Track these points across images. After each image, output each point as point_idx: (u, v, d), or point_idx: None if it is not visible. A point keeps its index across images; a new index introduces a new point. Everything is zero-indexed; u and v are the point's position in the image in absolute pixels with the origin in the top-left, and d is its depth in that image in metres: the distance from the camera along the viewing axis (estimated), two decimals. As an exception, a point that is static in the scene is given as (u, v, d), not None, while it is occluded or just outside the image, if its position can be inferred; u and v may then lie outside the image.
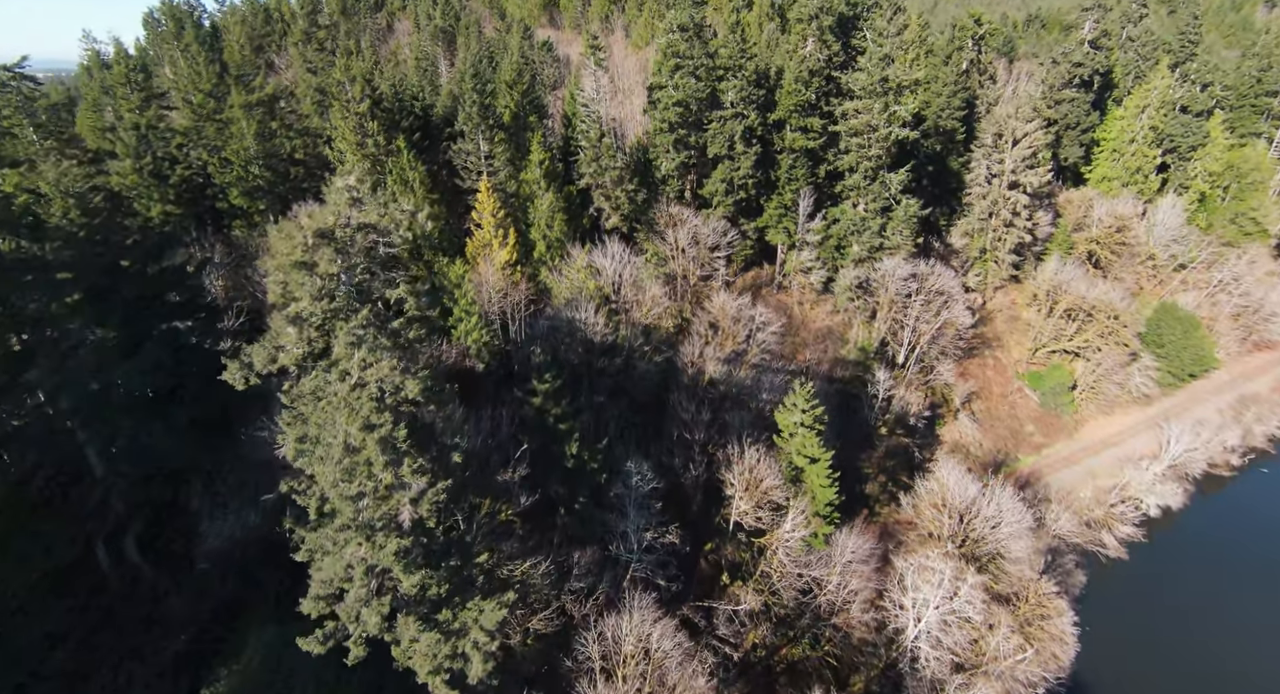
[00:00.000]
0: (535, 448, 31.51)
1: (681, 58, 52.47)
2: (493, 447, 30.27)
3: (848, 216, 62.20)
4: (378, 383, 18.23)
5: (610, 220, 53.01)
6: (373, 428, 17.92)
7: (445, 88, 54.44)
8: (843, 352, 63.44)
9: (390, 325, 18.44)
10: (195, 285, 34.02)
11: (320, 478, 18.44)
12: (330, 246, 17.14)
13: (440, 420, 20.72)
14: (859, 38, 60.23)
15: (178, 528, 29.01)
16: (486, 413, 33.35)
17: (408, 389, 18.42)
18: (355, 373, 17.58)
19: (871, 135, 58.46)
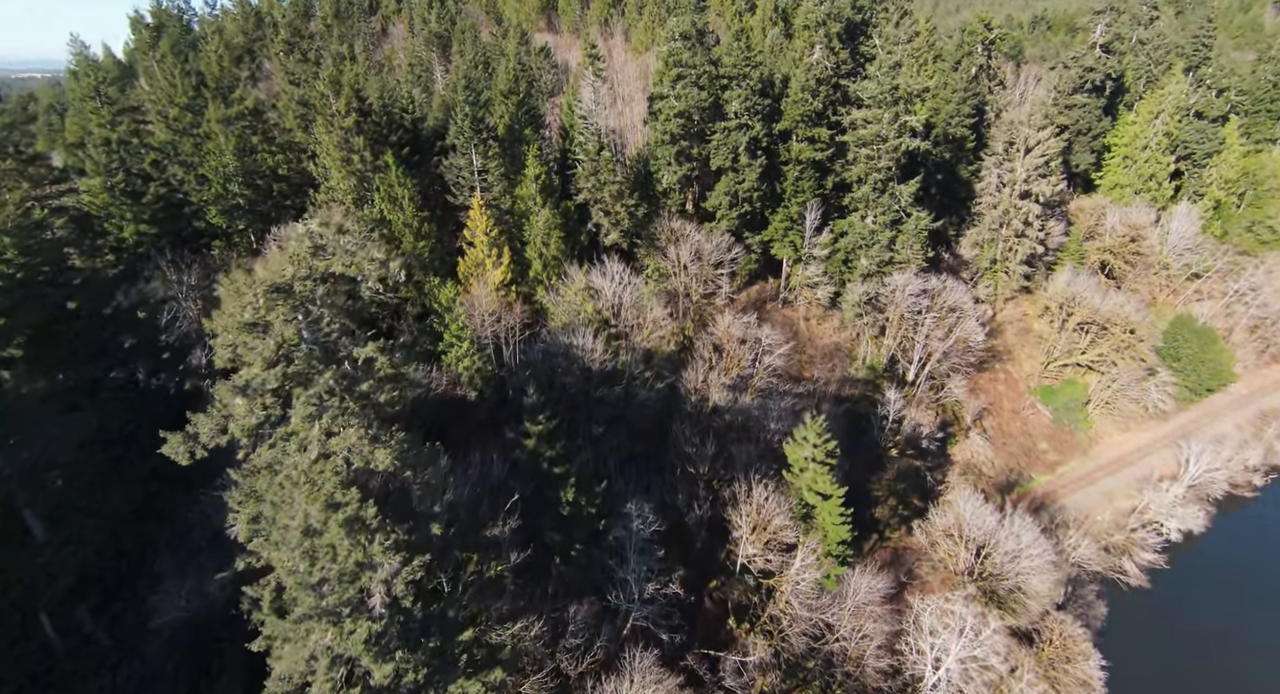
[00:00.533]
0: (528, 493, 29.30)
1: (684, 67, 50.19)
2: (481, 494, 28.04)
3: (856, 229, 59.91)
4: (344, 454, 15.98)
5: (609, 236, 50.76)
6: (337, 506, 15.69)
7: (437, 99, 52.13)
8: (851, 369, 61.18)
9: (359, 388, 16.20)
10: (155, 324, 31.63)
11: (277, 564, 16.25)
12: (287, 303, 14.91)
13: (419, 486, 18.47)
14: (868, 45, 57.96)
15: (130, 598, 26.39)
16: (475, 457, 31.12)
17: (378, 460, 16.18)
18: (316, 446, 15.35)
19: (881, 146, 56.17)
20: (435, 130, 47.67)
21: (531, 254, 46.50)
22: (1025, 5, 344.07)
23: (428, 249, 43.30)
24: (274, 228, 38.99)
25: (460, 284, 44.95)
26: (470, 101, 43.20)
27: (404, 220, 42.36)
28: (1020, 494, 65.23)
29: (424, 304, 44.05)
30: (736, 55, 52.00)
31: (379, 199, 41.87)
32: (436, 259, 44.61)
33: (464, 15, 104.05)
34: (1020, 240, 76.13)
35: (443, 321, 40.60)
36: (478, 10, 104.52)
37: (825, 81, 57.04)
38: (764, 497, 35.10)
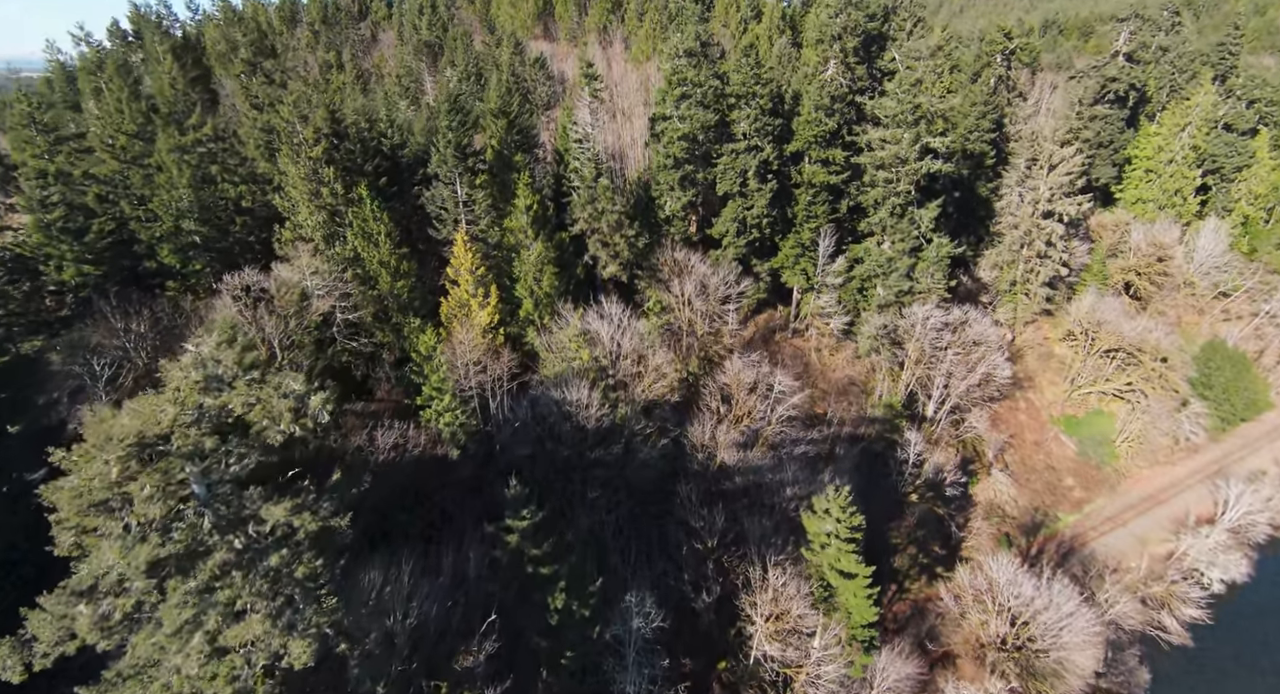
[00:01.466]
0: (510, 595, 25.25)
1: (688, 86, 46.05)
2: (454, 605, 23.89)
3: (872, 256, 55.76)
4: (244, 651, 11.88)
5: (607, 269, 46.63)
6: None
7: (420, 121, 47.81)
8: (867, 405, 57.04)
9: (267, 562, 12.11)
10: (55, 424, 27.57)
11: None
12: (158, 470, 10.83)
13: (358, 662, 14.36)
14: (885, 59, 53.81)
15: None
16: (448, 558, 26.99)
17: (294, 654, 12.07)
18: (204, 647, 11.27)
19: (900, 169, 52.04)
20: (417, 156, 43.51)
21: (522, 292, 42.37)
22: (1031, 6, 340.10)
23: (406, 289, 39.16)
24: (232, 272, 34.83)
25: (443, 326, 40.83)
26: (454, 127, 39.04)
27: (380, 258, 38.23)
28: (1046, 536, 61.09)
29: (403, 348, 39.93)
30: (745, 72, 47.85)
31: (352, 235, 37.74)
32: (417, 298, 40.49)
33: (457, 22, 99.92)
34: (1043, 262, 72.11)
35: (421, 372, 36.44)
36: (471, 17, 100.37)
37: (840, 99, 52.90)
38: (780, 582, 30.99)
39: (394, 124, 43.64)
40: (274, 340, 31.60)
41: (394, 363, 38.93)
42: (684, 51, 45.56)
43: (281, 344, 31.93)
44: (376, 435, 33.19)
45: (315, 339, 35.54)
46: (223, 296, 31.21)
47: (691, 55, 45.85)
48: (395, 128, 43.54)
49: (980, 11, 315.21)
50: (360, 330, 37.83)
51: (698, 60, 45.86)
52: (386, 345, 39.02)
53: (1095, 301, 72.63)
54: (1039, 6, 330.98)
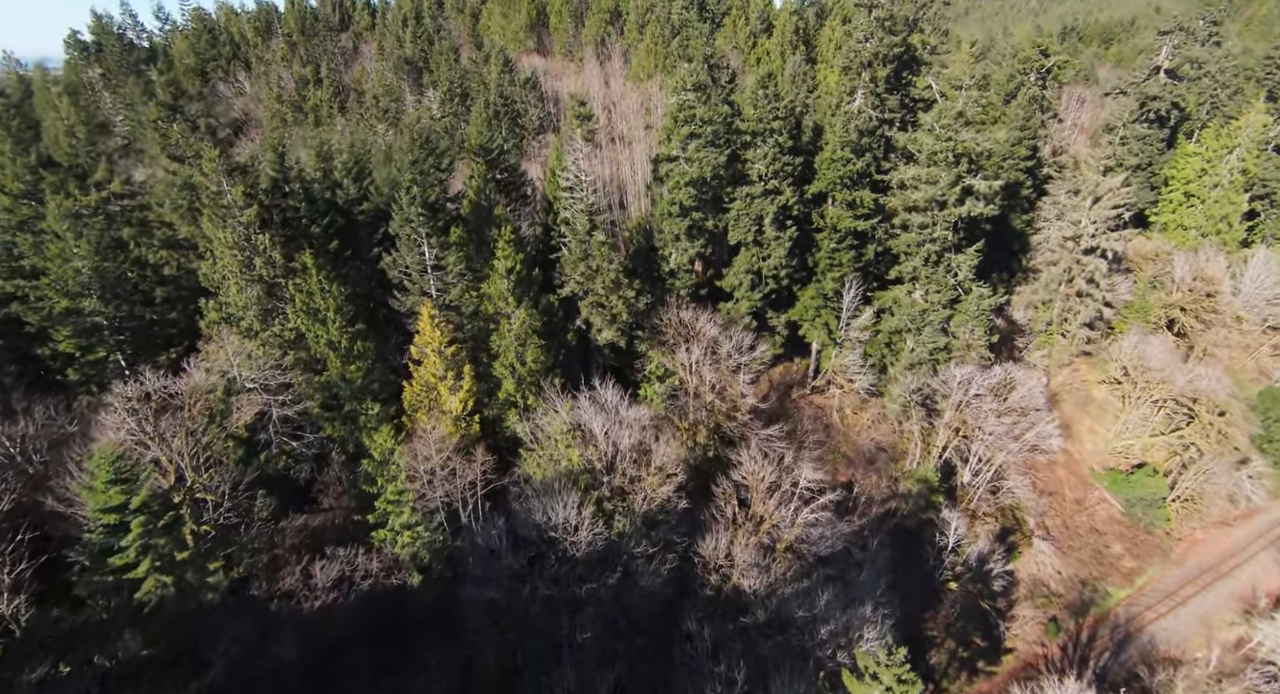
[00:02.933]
0: None
1: (697, 125, 39.62)
2: None
3: (902, 308, 49.35)
4: None
5: (602, 335, 40.22)
6: None
7: (381, 171, 40.94)
8: (898, 475, 50.63)
9: None
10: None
11: None
12: None
13: None
14: (921, 87, 47.34)
15: None
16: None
17: None
18: None
19: (938, 213, 45.62)
20: (379, 210, 37.02)
21: (501, 370, 35.95)
22: (1040, 9, 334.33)
23: (361, 373, 32.73)
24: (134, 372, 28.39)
25: (406, 415, 34.44)
26: (420, 180, 32.60)
27: (328, 338, 31.81)
28: (1097, 617, 54.60)
29: (358, 442, 33.53)
30: (762, 106, 41.37)
31: (294, 313, 31.32)
32: (375, 380, 34.06)
33: (444, 34, 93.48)
34: (1083, 301, 65.69)
35: (375, 482, 30.04)
36: (459, 28, 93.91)
37: (868, 132, 46.45)
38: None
39: (352, 171, 37.09)
40: (182, 461, 25.29)
41: (346, 461, 32.51)
42: (692, 85, 39.09)
43: (193, 464, 25.63)
44: (314, 571, 26.82)
45: (245, 442, 29.16)
46: (114, 409, 24.81)
47: (701, 89, 39.42)
48: (351, 176, 36.98)
49: (985, 13, 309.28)
50: (304, 425, 31.48)
51: (707, 95, 39.42)
52: (337, 440, 32.60)
53: (1139, 343, 66.17)
54: (1048, 9, 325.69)
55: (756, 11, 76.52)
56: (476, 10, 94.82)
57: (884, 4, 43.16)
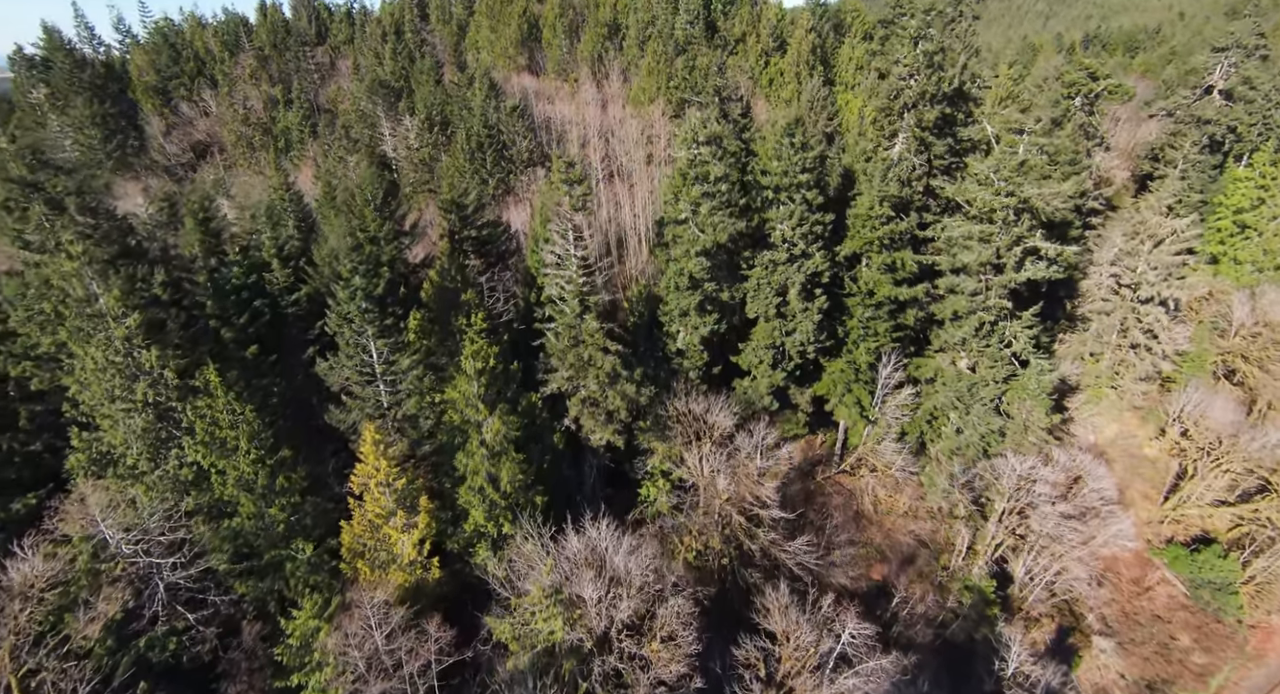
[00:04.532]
0: None
1: (710, 184, 32.56)
2: None
3: (947, 382, 42.35)
4: None
5: (596, 436, 33.15)
6: None
7: (322, 247, 33.13)
8: (943, 581, 43.58)
9: None
10: None
11: None
12: None
13: None
14: (974, 128, 40.23)
15: None
16: None
17: None
18: None
19: (993, 278, 38.60)
20: (316, 297, 29.81)
21: (469, 496, 28.89)
22: (1049, 12, 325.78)
23: (286, 513, 25.68)
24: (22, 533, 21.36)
25: (346, 563, 27.41)
26: (363, 269, 25.51)
27: (240, 476, 24.74)
28: (1168, 732, 47.70)
29: (281, 603, 26.49)
30: (788, 157, 34.27)
31: (192, 447, 24.27)
32: (308, 516, 26.99)
33: (428, 47, 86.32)
34: (1138, 353, 58.79)
35: (292, 675, 23.00)
36: (445, 41, 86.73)
37: (911, 182, 39.39)
38: None
39: (285, 246, 29.92)
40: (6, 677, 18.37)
41: (265, 629, 25.44)
42: (705, 138, 32.02)
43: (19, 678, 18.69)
44: None
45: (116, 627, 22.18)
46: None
47: (715, 143, 32.37)
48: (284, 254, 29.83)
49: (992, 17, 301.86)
50: (206, 589, 24.49)
51: (722, 148, 32.38)
52: (253, 602, 25.55)
53: (1200, 397, 59.07)
54: (1057, 12, 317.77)
55: (769, 28, 69.40)
56: (464, 22, 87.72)
57: (933, 36, 36.11)
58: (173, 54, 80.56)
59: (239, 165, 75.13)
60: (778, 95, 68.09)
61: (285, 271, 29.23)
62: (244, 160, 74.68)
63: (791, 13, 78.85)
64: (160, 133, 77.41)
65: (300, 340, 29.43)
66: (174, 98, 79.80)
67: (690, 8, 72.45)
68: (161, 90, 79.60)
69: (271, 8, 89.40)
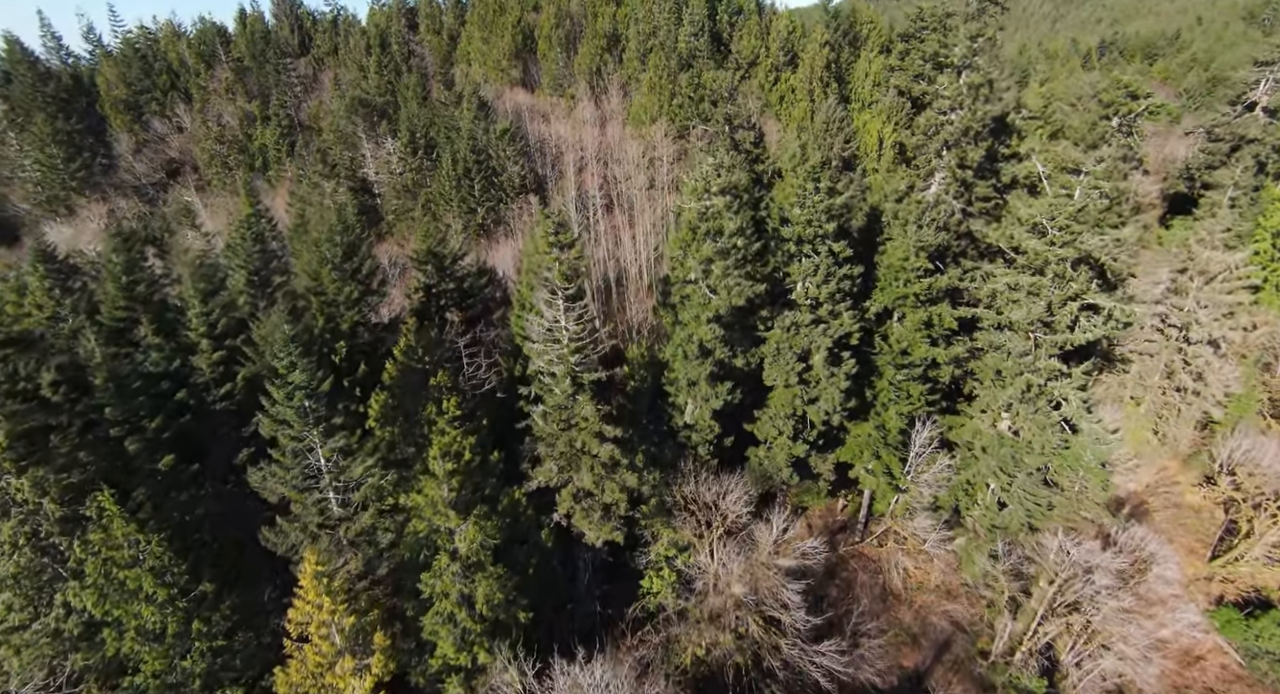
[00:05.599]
0: None
1: (725, 239, 27.82)
2: None
3: (989, 447, 37.61)
4: None
5: (591, 535, 28.39)
6: None
7: (264, 325, 27.96)
8: (983, 673, 38.75)
9: None
10: None
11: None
12: None
13: None
14: (1018, 163, 35.45)
15: None
16: None
17: None
18: None
19: (1044, 337, 33.87)
20: (258, 380, 24.73)
21: (437, 623, 24.08)
22: (1057, 14, 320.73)
23: (204, 665, 20.88)
24: None
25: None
26: (302, 362, 20.75)
27: (145, 623, 19.96)
28: None
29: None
30: (813, 205, 29.51)
31: (76, 592, 19.51)
32: (236, 659, 22.18)
33: (417, 59, 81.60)
34: (1184, 398, 54.19)
35: None
36: (434, 53, 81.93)
37: (947, 225, 34.66)
38: None
39: (218, 323, 25.02)
40: None
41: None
42: (720, 188, 27.29)
43: None
44: None
45: None
46: None
47: (732, 193, 27.65)
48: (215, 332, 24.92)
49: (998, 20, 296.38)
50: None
51: (740, 198, 27.66)
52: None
53: (1251, 444, 54.31)
54: (1065, 15, 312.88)
55: (779, 41, 64.65)
56: (455, 32, 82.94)
57: (979, 65, 31.40)
58: (144, 66, 75.77)
59: (213, 186, 70.41)
60: (788, 113, 63.34)
61: (217, 353, 24.45)
62: (218, 180, 69.95)
63: (797, 13, 74.02)
64: (130, 151, 72.71)
65: (234, 437, 24.67)
66: (145, 113, 75.07)
67: (695, 19, 67.72)
68: (132, 105, 74.89)
69: (253, 17, 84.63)
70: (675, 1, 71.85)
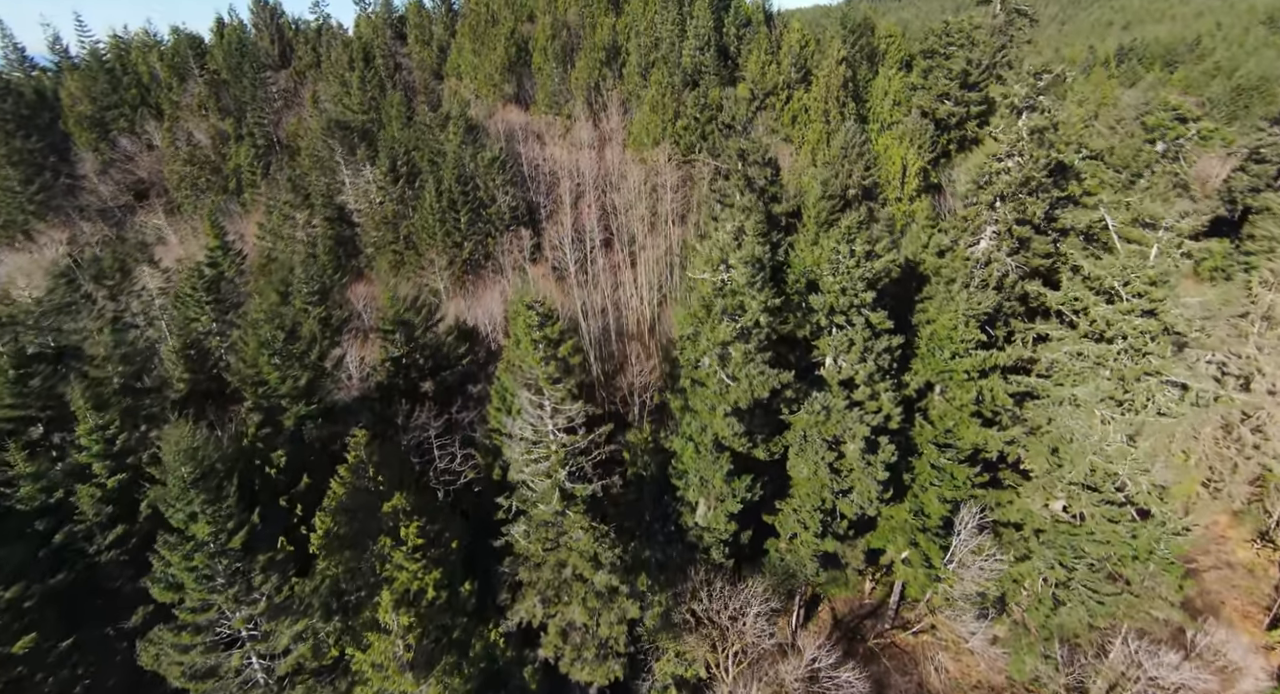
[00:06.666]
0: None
1: (748, 320, 22.98)
2: None
3: (1047, 535, 32.77)
4: None
5: (584, 676, 23.52)
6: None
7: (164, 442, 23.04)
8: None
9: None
10: None
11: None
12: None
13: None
14: (1082, 212, 30.60)
15: None
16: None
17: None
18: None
19: (1115, 418, 29.05)
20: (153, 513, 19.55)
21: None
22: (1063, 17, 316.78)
23: None
24: None
25: None
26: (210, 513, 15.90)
27: None
28: None
29: None
30: (847, 270, 24.66)
31: None
32: None
33: (405, 73, 76.75)
34: (1242, 451, 49.59)
35: None
36: (422, 67, 77.01)
37: (1000, 284, 29.84)
38: None
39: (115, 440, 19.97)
40: None
41: None
42: (741, 260, 22.49)
43: None
44: None
45: None
46: None
47: (755, 266, 22.86)
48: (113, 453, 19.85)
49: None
50: None
51: (763, 278, 22.85)
52: None
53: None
54: (1073, 17, 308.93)
55: (790, 56, 59.77)
56: (445, 44, 78.08)
57: (1044, 105, 26.61)
58: (111, 80, 70.91)
59: (183, 209, 65.59)
60: (800, 135, 58.50)
61: (115, 478, 19.54)
62: (189, 204, 65.12)
63: (799, 14, 69.08)
64: (95, 171, 67.89)
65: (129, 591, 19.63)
66: (113, 130, 70.23)
67: (700, 32, 62.86)
68: (98, 121, 70.04)
69: (231, 27, 79.78)
70: (679, 12, 67.02)
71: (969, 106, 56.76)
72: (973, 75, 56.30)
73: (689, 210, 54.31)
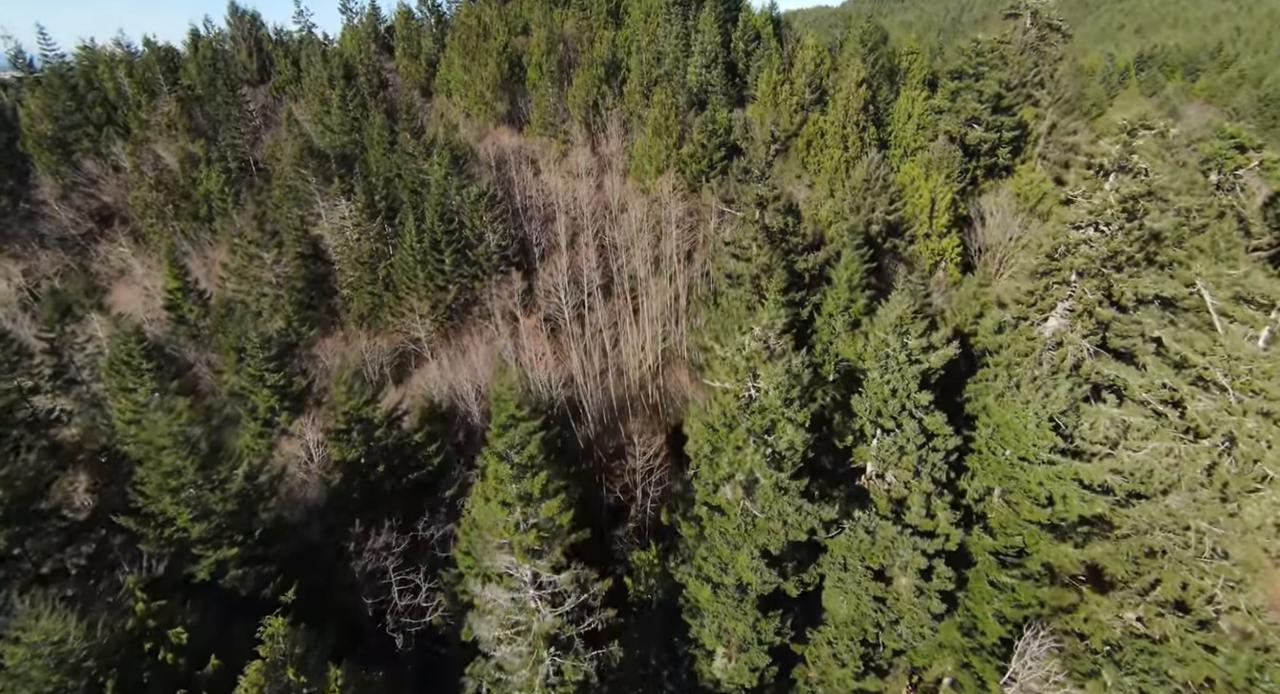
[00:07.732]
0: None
1: (781, 443, 18.21)
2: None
3: (1125, 654, 27.94)
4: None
5: None
6: None
7: None
8: None
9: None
10: None
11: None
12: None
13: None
14: (1162, 280, 25.80)
15: None
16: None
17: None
18: None
19: (1199, 525, 24.31)
20: None
21: None
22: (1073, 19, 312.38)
23: None
24: None
25: None
26: None
27: None
28: None
29: None
30: (897, 368, 19.85)
31: None
32: None
33: (391, 90, 71.94)
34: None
35: None
36: (412, 81, 72.19)
37: (1075, 367, 25.06)
38: None
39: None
40: None
41: None
42: (776, 385, 17.74)
43: None
44: None
45: None
46: None
47: (795, 381, 18.10)
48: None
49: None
50: None
51: (802, 399, 18.10)
52: None
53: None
54: (1081, 20, 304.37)
55: (805, 75, 54.95)
56: (434, 57, 73.28)
57: (1139, 166, 21.90)
58: (74, 97, 66.10)
59: (149, 239, 60.81)
60: (817, 161, 53.71)
61: None
62: (154, 232, 60.34)
63: (799, 15, 64.34)
64: (55, 196, 63.12)
65: None
66: (75, 151, 65.45)
67: (706, 49, 58.03)
68: (60, 142, 65.26)
69: (206, 39, 75.03)
70: (684, 26, 62.22)
71: (1001, 131, 52.02)
72: (1005, 97, 51.57)
73: (695, 246, 49.61)
